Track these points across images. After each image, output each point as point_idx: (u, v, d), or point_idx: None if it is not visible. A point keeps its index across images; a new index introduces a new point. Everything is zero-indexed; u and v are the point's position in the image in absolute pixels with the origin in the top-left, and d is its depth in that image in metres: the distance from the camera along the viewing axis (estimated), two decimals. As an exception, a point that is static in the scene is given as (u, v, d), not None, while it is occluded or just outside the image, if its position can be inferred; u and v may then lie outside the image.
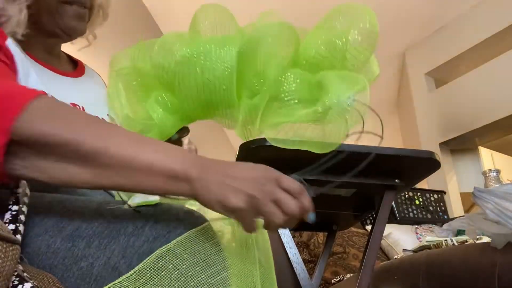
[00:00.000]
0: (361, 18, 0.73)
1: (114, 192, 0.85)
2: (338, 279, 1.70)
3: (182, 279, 0.51)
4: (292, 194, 0.54)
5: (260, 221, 0.54)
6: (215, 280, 0.53)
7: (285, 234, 0.88)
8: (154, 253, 0.52)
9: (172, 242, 0.53)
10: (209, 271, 0.53)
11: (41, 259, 0.58)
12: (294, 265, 0.86)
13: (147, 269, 0.50)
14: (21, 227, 0.57)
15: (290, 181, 0.55)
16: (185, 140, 0.95)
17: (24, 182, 0.64)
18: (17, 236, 0.56)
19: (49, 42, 0.88)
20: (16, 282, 0.47)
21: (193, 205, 0.72)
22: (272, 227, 0.54)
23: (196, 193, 0.52)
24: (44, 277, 0.51)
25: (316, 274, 1.17)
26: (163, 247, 0.53)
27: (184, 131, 0.85)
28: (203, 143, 0.93)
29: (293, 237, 1.61)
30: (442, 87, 4.49)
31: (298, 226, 1.42)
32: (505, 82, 3.76)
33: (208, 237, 0.57)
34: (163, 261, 0.51)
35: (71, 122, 0.54)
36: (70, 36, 0.88)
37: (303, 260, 1.66)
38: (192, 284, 0.51)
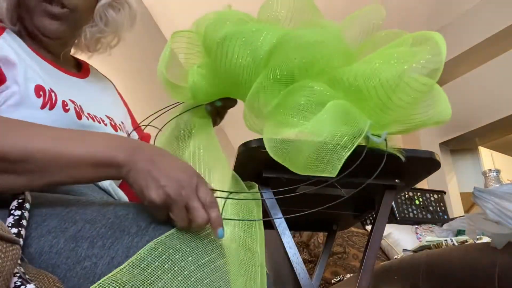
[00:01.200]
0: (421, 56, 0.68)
1: (112, 192, 0.86)
2: (338, 279, 1.70)
3: (175, 269, 0.51)
4: (204, 205, 0.56)
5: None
6: (209, 268, 0.53)
7: (285, 234, 0.88)
8: (147, 245, 0.52)
9: (163, 235, 0.54)
10: (202, 260, 0.54)
11: (43, 259, 0.58)
12: (294, 265, 0.86)
13: (141, 260, 0.50)
14: (23, 232, 0.57)
15: (206, 192, 0.58)
16: None
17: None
18: (19, 239, 0.56)
19: (49, 45, 0.86)
20: (19, 283, 0.47)
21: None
22: (175, 225, 0.58)
23: (124, 177, 0.58)
24: (45, 277, 0.51)
25: (316, 274, 1.17)
26: (156, 239, 0.53)
27: (230, 101, 0.86)
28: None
29: (293, 237, 1.61)
30: (442, 87, 4.48)
31: (298, 226, 1.41)
32: (505, 82, 3.76)
33: (202, 228, 0.57)
34: (156, 252, 0.51)
35: None
36: (47, 37, 0.84)
37: (303, 260, 1.67)
38: (185, 273, 0.51)
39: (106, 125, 0.88)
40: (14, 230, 0.56)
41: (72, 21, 0.85)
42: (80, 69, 0.96)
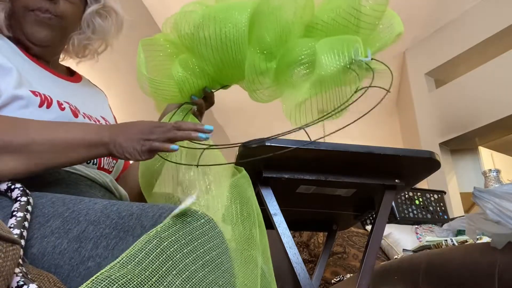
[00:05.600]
0: None
1: (113, 189, 0.86)
2: (338, 279, 1.70)
3: (169, 262, 0.50)
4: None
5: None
6: (204, 260, 0.52)
7: (285, 234, 0.88)
8: (139, 240, 0.51)
9: (158, 226, 0.53)
10: (198, 251, 0.53)
11: (46, 259, 0.58)
12: (294, 265, 0.86)
13: (135, 254, 0.49)
14: (25, 233, 0.57)
15: (169, 126, 0.72)
16: None
17: (27, 191, 0.64)
18: (21, 241, 0.56)
19: (39, 52, 0.88)
20: (22, 283, 0.47)
21: (195, 205, 0.72)
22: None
23: (112, 152, 0.70)
24: (45, 277, 0.52)
25: (316, 274, 1.17)
26: (148, 233, 0.52)
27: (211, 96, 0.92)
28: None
29: (293, 237, 1.60)
30: (442, 87, 4.49)
31: (298, 226, 1.42)
32: (505, 82, 3.76)
33: (196, 219, 0.56)
34: (150, 246, 0.50)
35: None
36: (34, 44, 0.86)
37: (303, 260, 1.66)
38: (180, 266, 0.50)
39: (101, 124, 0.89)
40: (16, 231, 0.56)
41: (59, 29, 0.87)
42: (72, 75, 0.98)
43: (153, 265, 0.49)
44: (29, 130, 0.68)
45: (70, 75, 0.97)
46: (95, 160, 0.84)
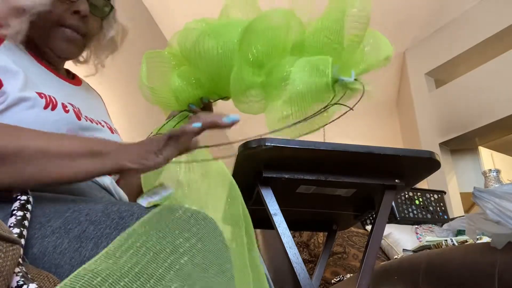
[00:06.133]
0: (352, 4, 0.80)
1: (113, 191, 0.86)
2: (338, 279, 1.70)
3: (150, 253, 0.51)
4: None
5: None
6: (183, 248, 0.53)
7: (285, 234, 0.88)
8: (120, 235, 0.52)
9: (137, 221, 0.54)
10: (177, 241, 0.53)
11: (46, 259, 0.58)
12: (294, 265, 0.86)
13: (115, 250, 0.50)
14: (25, 232, 0.57)
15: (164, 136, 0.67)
16: None
17: (27, 190, 0.65)
18: (21, 240, 0.56)
19: (53, 59, 0.90)
20: (21, 283, 0.47)
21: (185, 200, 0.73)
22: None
23: (123, 163, 0.63)
24: (45, 277, 0.52)
25: (316, 274, 1.17)
26: (128, 229, 0.53)
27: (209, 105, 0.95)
28: (203, 143, 0.94)
29: (293, 237, 1.61)
30: (442, 87, 4.49)
31: (298, 226, 1.42)
32: (505, 82, 3.76)
33: (174, 211, 0.57)
34: (131, 240, 0.51)
35: None
36: (59, 57, 0.90)
37: (303, 260, 1.67)
38: (162, 256, 0.51)
39: (103, 126, 0.90)
40: (16, 230, 0.56)
41: (82, 45, 0.93)
42: (73, 78, 1.00)
43: (134, 258, 0.49)
44: (21, 136, 0.63)
45: (71, 78, 0.98)
46: None
